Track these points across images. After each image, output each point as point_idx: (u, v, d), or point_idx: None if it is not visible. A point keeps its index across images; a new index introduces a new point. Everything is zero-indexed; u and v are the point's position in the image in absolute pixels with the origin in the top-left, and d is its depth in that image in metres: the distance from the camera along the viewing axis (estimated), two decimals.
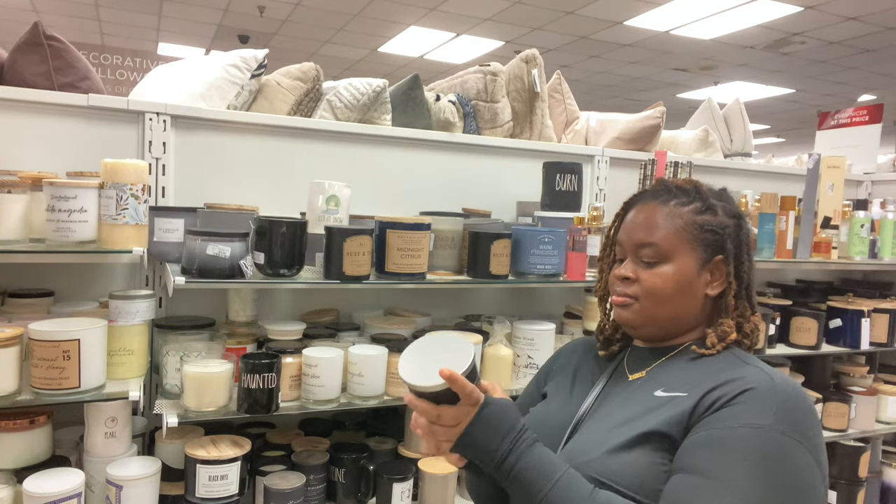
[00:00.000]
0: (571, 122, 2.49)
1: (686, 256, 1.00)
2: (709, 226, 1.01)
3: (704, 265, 1.01)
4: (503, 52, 7.51)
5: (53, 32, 1.67)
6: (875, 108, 3.36)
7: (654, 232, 1.01)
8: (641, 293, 1.01)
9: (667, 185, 1.06)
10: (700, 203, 1.03)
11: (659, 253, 1.01)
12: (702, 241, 1.01)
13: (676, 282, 1.00)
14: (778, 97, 9.32)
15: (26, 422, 1.35)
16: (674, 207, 1.02)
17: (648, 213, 1.03)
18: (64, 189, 1.32)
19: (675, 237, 1.01)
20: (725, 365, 0.95)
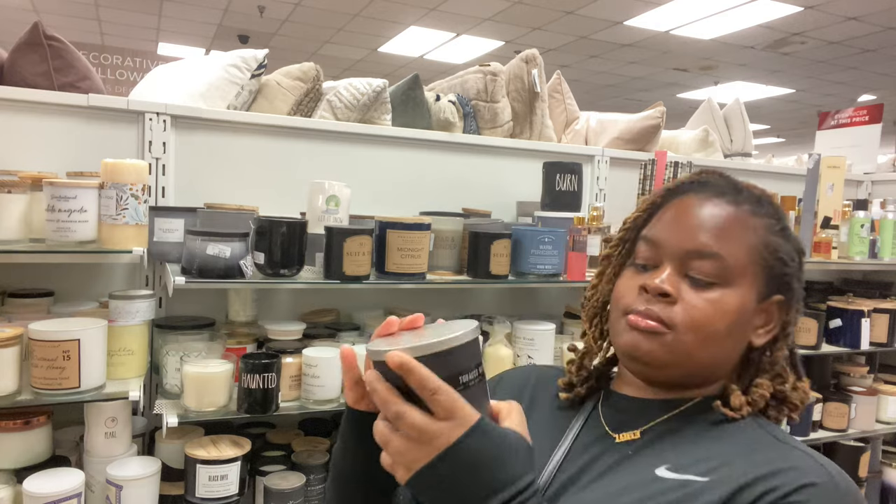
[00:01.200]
0: (571, 122, 2.49)
1: (749, 286, 0.74)
2: (780, 252, 0.75)
3: (760, 303, 0.75)
4: (503, 52, 7.51)
5: (53, 32, 1.67)
6: (875, 108, 3.36)
7: (724, 240, 0.73)
8: (682, 321, 0.72)
9: (733, 182, 0.79)
10: (774, 219, 0.76)
11: (722, 272, 0.72)
12: (768, 271, 0.75)
13: (733, 318, 0.72)
14: (778, 97, 9.32)
15: (26, 422, 1.35)
16: (748, 215, 0.75)
17: (717, 213, 0.75)
18: (64, 189, 1.32)
19: (747, 256, 0.73)
20: (756, 442, 0.70)
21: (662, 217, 0.78)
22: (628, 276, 0.78)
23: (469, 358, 0.59)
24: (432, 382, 0.56)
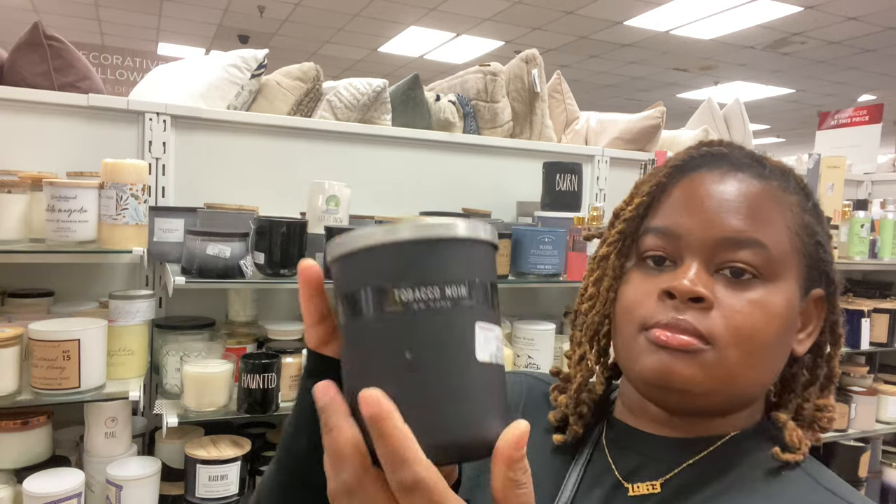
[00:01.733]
0: (571, 122, 2.49)
1: (794, 280, 0.58)
2: (818, 235, 0.60)
3: (801, 300, 0.59)
4: (503, 52, 7.51)
5: (53, 32, 1.67)
6: (875, 108, 3.36)
7: (762, 223, 0.56)
8: (724, 332, 0.54)
9: (752, 153, 0.63)
10: (804, 196, 0.61)
11: (765, 263, 0.56)
12: (808, 260, 0.59)
13: (782, 323, 0.56)
14: (778, 97, 9.32)
15: (26, 422, 1.35)
16: (780, 191, 0.59)
17: (746, 190, 0.58)
18: (64, 189, 1.32)
19: (789, 241, 0.57)
20: (809, 492, 0.55)
21: (673, 200, 0.60)
22: (638, 279, 0.60)
23: (470, 265, 0.38)
24: (407, 458, 0.34)
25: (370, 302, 0.37)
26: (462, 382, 0.36)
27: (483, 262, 0.39)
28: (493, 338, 0.38)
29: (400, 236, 0.37)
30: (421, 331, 0.36)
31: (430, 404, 0.36)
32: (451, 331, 0.36)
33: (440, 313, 0.36)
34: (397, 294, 0.36)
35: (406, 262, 0.37)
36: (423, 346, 0.36)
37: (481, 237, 0.39)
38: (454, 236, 0.37)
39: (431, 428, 0.35)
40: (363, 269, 0.37)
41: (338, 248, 0.38)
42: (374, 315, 0.36)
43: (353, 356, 0.38)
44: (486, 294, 0.38)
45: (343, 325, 0.39)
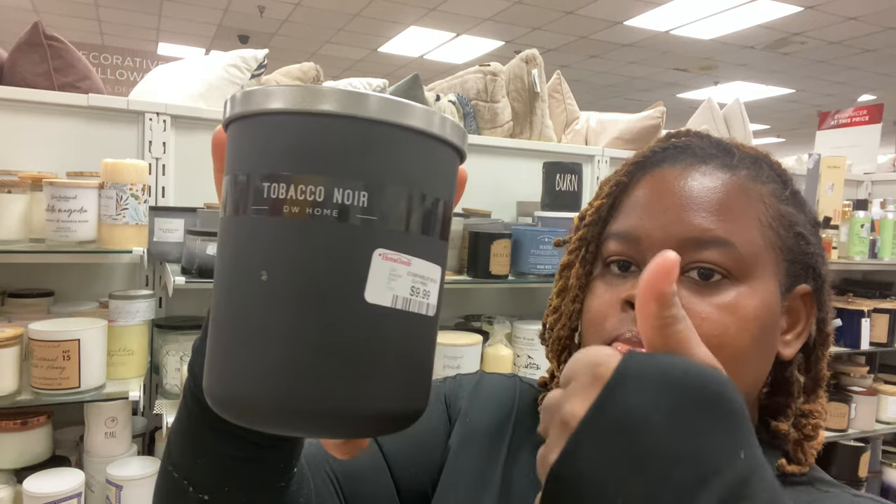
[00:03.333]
0: (571, 122, 2.49)
1: (770, 278, 0.53)
2: (798, 226, 0.55)
3: (784, 299, 0.54)
4: (503, 52, 7.51)
5: (53, 32, 1.67)
6: (875, 108, 3.36)
7: (729, 220, 0.52)
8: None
9: (718, 142, 0.58)
10: (780, 184, 0.56)
11: (733, 263, 0.51)
12: (787, 254, 0.54)
13: (758, 326, 0.51)
14: (778, 97, 9.32)
15: (25, 422, 1.35)
16: (750, 181, 0.54)
17: (710, 184, 0.53)
18: (64, 189, 1.32)
19: (761, 236, 0.53)
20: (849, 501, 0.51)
21: (633, 200, 0.56)
22: (602, 288, 0.55)
23: (383, 163, 0.26)
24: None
25: (233, 194, 0.27)
26: (330, 327, 0.25)
27: (413, 162, 0.26)
28: (405, 274, 0.26)
29: (277, 104, 0.26)
30: (283, 245, 0.25)
31: (276, 347, 0.25)
32: (328, 252, 0.25)
33: (319, 225, 0.25)
34: (264, 188, 0.25)
35: (283, 144, 0.26)
36: (283, 267, 0.25)
37: (408, 124, 0.26)
38: (357, 115, 0.25)
39: (268, 382, 0.25)
40: (235, 147, 0.27)
41: (227, 109, 0.28)
42: (232, 213, 0.27)
43: (216, 265, 0.28)
44: (407, 210, 0.26)
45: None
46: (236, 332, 0.26)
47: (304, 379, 0.25)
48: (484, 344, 1.74)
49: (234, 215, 0.27)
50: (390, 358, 0.26)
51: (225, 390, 0.26)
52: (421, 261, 0.27)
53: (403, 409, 0.28)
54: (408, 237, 0.26)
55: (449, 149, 0.28)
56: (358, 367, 0.25)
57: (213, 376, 0.26)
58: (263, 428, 0.27)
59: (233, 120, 0.28)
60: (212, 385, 0.27)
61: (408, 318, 0.27)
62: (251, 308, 0.26)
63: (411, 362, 0.27)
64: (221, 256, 0.27)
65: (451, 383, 0.69)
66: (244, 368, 0.25)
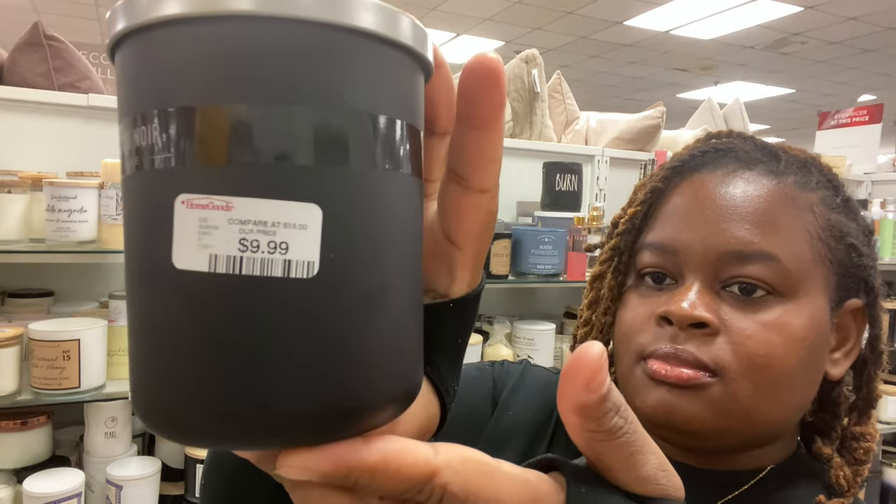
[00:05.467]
0: (571, 122, 2.49)
1: (820, 293, 0.49)
2: (850, 237, 0.51)
3: (833, 316, 0.50)
4: (503, 52, 7.51)
5: (53, 32, 1.67)
6: (875, 108, 3.36)
7: (774, 232, 0.48)
8: (734, 362, 0.46)
9: (764, 145, 0.54)
10: (831, 190, 0.52)
11: (779, 278, 0.47)
12: (838, 267, 0.50)
13: (806, 345, 0.47)
14: (778, 97, 9.32)
15: (25, 422, 1.35)
16: (797, 189, 0.50)
17: (754, 192, 0.49)
18: (64, 189, 1.32)
19: (809, 249, 0.49)
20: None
21: (670, 209, 0.52)
22: (636, 301, 0.52)
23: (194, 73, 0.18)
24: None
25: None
26: (143, 308, 0.20)
27: (208, 68, 0.18)
28: (223, 222, 0.18)
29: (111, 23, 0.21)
30: (123, 212, 0.20)
31: (131, 353, 0.21)
32: (132, 213, 0.20)
33: (131, 180, 0.20)
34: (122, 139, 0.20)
35: (118, 75, 0.20)
36: (124, 240, 0.20)
37: (185, 12, 0.18)
38: (137, 24, 0.19)
39: (134, 389, 0.20)
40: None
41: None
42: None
43: None
44: (205, 140, 0.18)
45: None
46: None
47: (137, 382, 0.20)
48: (484, 344, 1.74)
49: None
50: (237, 342, 0.18)
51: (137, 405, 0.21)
52: (255, 200, 0.18)
53: (282, 409, 0.19)
54: (225, 173, 0.18)
55: (353, 38, 0.19)
56: (189, 361, 0.19)
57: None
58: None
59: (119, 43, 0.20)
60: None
61: (253, 285, 0.18)
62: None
63: (284, 344, 0.19)
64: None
65: (500, 369, 0.65)
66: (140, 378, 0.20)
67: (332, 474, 0.20)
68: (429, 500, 0.21)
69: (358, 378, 0.20)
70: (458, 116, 0.24)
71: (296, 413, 0.19)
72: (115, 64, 0.21)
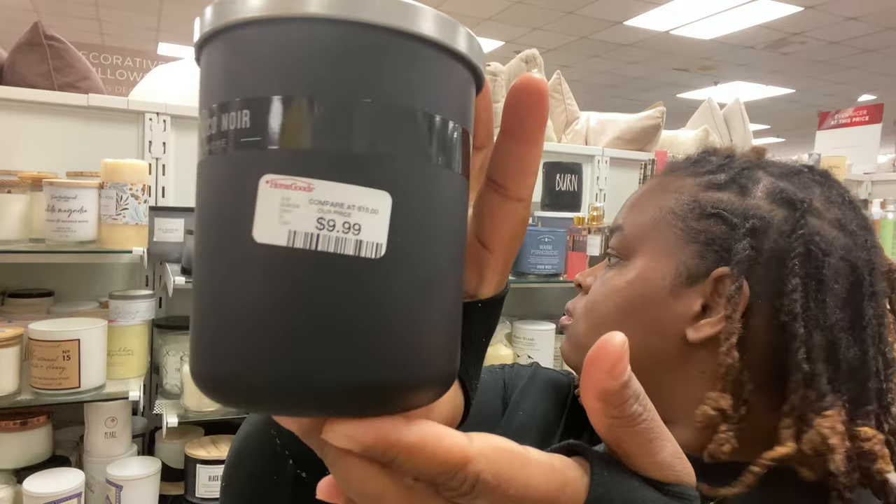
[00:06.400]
0: (571, 122, 2.49)
1: (658, 256, 0.54)
2: (715, 208, 0.53)
3: (693, 280, 0.53)
4: (503, 52, 7.51)
5: (53, 32, 1.67)
6: (875, 108, 3.36)
7: (635, 210, 0.58)
8: (579, 308, 0.60)
9: (705, 152, 0.62)
10: (724, 174, 0.56)
11: (622, 245, 0.57)
12: (695, 235, 0.53)
13: (622, 296, 0.55)
14: (778, 97, 9.32)
15: (25, 422, 1.35)
16: (680, 177, 0.57)
17: (645, 186, 0.61)
18: (64, 189, 1.32)
19: (652, 220, 0.56)
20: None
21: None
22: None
23: (278, 73, 0.21)
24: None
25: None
26: (218, 277, 0.21)
27: (293, 63, 0.20)
28: (304, 202, 0.20)
29: (202, 24, 0.22)
30: (198, 188, 0.23)
31: (197, 321, 0.22)
32: (213, 192, 0.22)
33: (212, 161, 0.22)
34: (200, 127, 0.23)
35: (202, 70, 0.23)
36: (197, 214, 0.23)
37: (276, 13, 0.20)
38: (228, 22, 0.21)
39: (197, 353, 0.22)
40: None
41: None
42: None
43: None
44: (292, 125, 0.20)
45: None
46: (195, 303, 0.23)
47: (201, 347, 0.22)
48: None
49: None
50: (306, 313, 0.20)
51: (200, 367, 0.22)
52: (334, 184, 0.20)
53: (347, 383, 0.20)
54: (308, 157, 0.20)
55: (421, 47, 0.21)
56: (262, 320, 0.20)
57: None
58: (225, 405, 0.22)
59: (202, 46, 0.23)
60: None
61: (326, 261, 0.20)
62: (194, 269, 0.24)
63: (349, 317, 0.20)
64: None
65: (510, 371, 0.70)
66: (203, 342, 0.22)
67: (373, 447, 0.21)
68: (462, 486, 0.22)
69: (408, 356, 0.21)
70: (504, 130, 0.26)
71: (351, 384, 0.20)
72: (202, 58, 0.23)
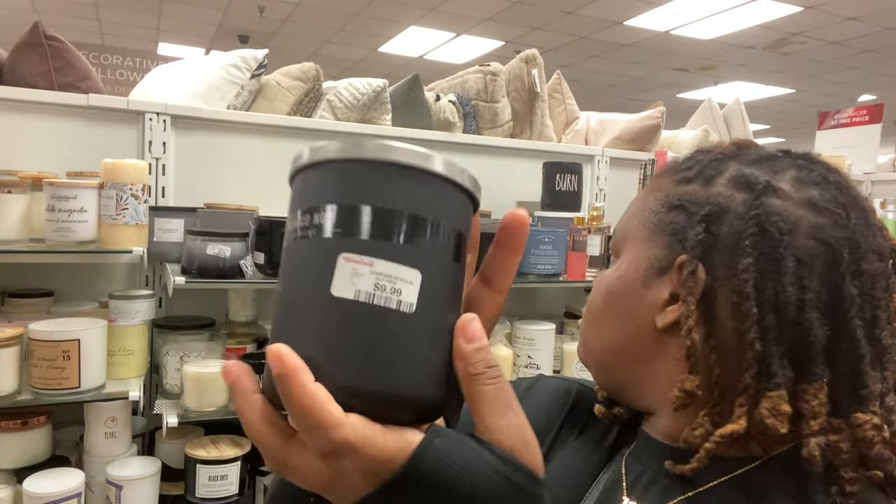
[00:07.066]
0: (571, 122, 2.49)
1: (636, 251, 0.57)
2: (679, 200, 0.55)
3: (662, 271, 0.55)
4: (503, 52, 7.50)
5: (53, 32, 1.67)
6: (875, 108, 3.36)
7: (625, 212, 0.62)
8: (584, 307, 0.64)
9: (697, 152, 0.61)
10: (695, 168, 0.57)
11: (615, 242, 0.61)
12: (663, 228, 0.55)
13: (607, 291, 0.59)
14: (778, 97, 9.32)
15: (25, 422, 1.35)
16: (663, 177, 0.60)
17: (640, 191, 0.64)
18: (64, 189, 1.32)
19: (635, 219, 0.59)
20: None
21: None
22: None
23: (339, 189, 0.33)
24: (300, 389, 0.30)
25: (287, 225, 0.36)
26: (303, 320, 0.32)
27: (364, 184, 0.32)
28: (368, 273, 0.31)
29: (300, 159, 0.35)
30: (287, 260, 0.34)
31: (293, 342, 0.32)
32: (306, 261, 0.32)
33: (304, 242, 0.33)
34: (290, 221, 0.35)
35: (296, 186, 0.36)
36: (284, 277, 0.34)
37: (352, 156, 0.33)
38: (321, 159, 0.34)
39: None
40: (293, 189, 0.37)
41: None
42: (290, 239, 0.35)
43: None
44: (363, 223, 0.32)
45: None
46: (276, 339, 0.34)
47: (319, 361, 0.32)
48: None
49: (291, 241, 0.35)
50: (362, 340, 0.31)
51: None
52: (387, 262, 0.32)
53: (386, 390, 0.31)
54: (371, 244, 0.32)
55: (439, 180, 0.35)
56: (342, 351, 0.31)
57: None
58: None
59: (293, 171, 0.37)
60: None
61: (376, 309, 0.31)
62: (276, 314, 0.35)
63: (385, 348, 0.31)
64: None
65: (512, 385, 0.70)
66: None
67: (279, 378, 0.31)
68: (329, 445, 0.30)
69: (418, 380, 0.32)
70: (496, 243, 0.38)
71: (378, 391, 0.31)
72: (297, 178, 0.36)
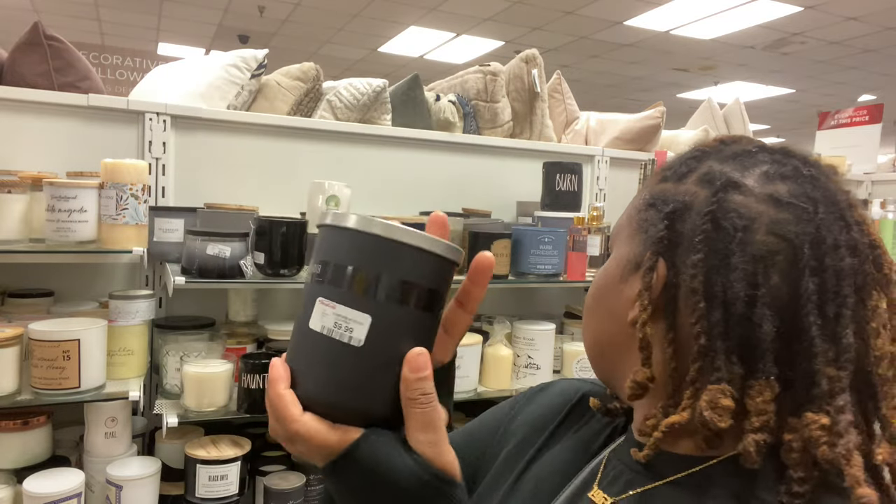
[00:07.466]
0: (571, 122, 2.49)
1: (620, 250, 0.59)
2: (653, 198, 0.56)
3: (637, 267, 0.56)
4: (503, 52, 7.50)
5: (53, 32, 1.67)
6: (875, 108, 3.36)
7: (621, 214, 0.64)
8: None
9: (674, 161, 0.61)
10: (675, 166, 0.58)
11: (611, 240, 0.64)
12: (641, 225, 0.57)
13: (596, 287, 0.61)
14: (778, 97, 9.32)
15: (26, 422, 1.35)
16: (652, 176, 0.62)
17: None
18: (64, 189, 1.32)
19: (626, 215, 0.61)
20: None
21: None
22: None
23: (328, 249, 0.45)
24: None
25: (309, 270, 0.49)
26: (295, 343, 0.46)
27: (344, 248, 0.44)
28: (331, 314, 0.44)
29: (322, 218, 0.48)
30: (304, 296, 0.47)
31: (290, 356, 0.47)
32: (305, 299, 0.46)
33: (307, 285, 0.47)
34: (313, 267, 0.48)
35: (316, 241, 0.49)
36: (300, 309, 0.47)
37: (340, 224, 0.45)
38: (325, 223, 0.47)
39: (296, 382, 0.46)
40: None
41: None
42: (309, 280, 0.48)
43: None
44: (340, 276, 0.44)
45: None
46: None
47: (302, 376, 0.46)
48: (484, 344, 1.74)
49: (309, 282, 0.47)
50: (321, 364, 0.44)
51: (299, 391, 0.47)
52: (344, 307, 0.43)
53: (335, 401, 0.44)
54: (342, 292, 0.44)
55: (407, 248, 0.44)
56: (309, 367, 0.45)
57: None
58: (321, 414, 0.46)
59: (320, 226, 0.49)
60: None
61: (328, 340, 0.44)
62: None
63: (336, 371, 0.44)
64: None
65: (522, 394, 0.76)
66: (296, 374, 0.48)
67: (269, 381, 0.47)
68: (286, 433, 0.46)
69: (363, 397, 0.44)
70: (469, 279, 0.50)
71: (331, 401, 0.44)
72: (318, 234, 0.48)
